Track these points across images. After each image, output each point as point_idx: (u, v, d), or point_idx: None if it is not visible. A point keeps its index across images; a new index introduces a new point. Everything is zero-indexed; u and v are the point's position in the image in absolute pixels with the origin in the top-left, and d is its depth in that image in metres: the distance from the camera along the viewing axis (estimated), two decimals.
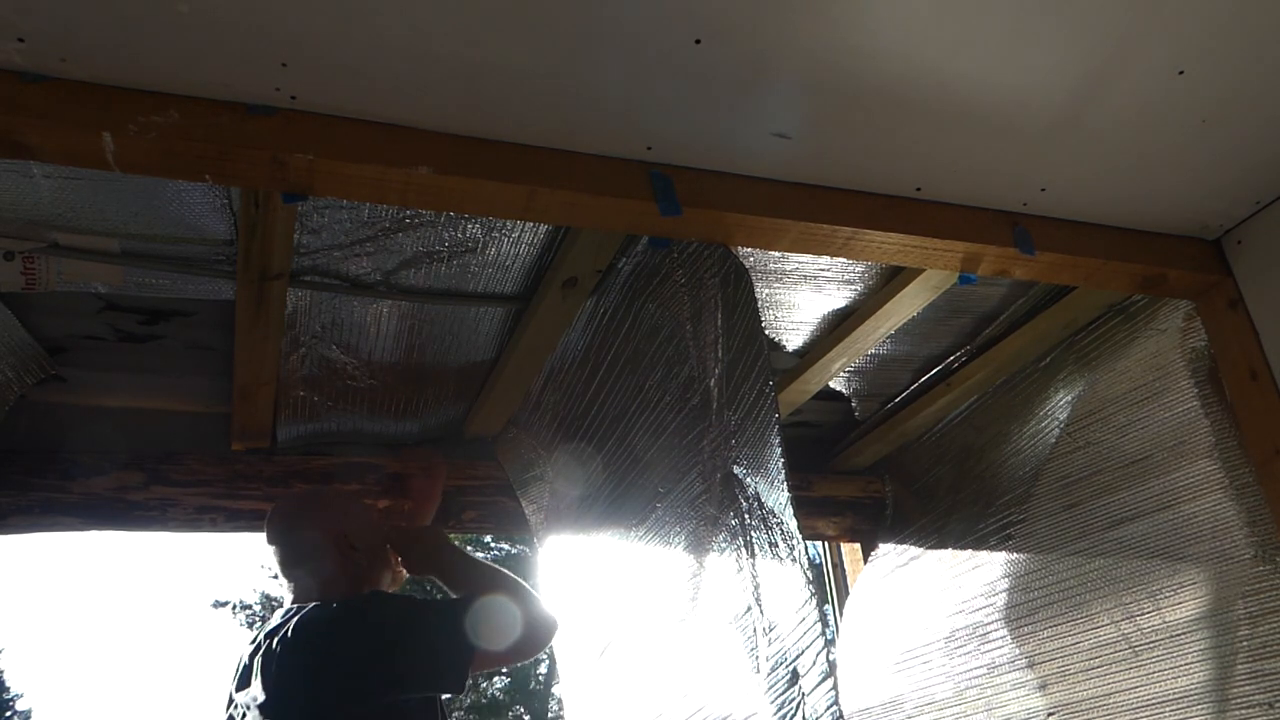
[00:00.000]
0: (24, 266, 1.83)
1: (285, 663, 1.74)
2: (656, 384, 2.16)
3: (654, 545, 2.19)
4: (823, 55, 1.41)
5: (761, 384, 1.79)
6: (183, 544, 60.84)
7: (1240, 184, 1.85)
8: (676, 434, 2.13)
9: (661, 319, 2.11)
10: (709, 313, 2.00)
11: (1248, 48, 1.49)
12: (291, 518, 2.05)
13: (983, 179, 1.74)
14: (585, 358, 2.36)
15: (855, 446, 3.03)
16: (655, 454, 2.19)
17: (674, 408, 2.12)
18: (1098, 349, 2.34)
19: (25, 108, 1.28)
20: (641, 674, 2.18)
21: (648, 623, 2.16)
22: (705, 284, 2.01)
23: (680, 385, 2.09)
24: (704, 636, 1.95)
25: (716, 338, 1.97)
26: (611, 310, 2.23)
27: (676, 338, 2.08)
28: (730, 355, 1.93)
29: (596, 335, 2.29)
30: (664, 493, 2.17)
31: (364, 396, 2.49)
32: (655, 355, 2.14)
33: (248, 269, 1.84)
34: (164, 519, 2.38)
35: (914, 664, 2.74)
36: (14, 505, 2.27)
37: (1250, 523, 1.98)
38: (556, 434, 2.52)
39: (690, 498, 2.10)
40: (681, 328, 2.06)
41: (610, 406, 2.33)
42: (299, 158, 1.38)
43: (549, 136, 1.51)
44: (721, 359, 1.97)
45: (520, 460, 2.68)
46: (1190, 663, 2.05)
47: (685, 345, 2.05)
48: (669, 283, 2.09)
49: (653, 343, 2.14)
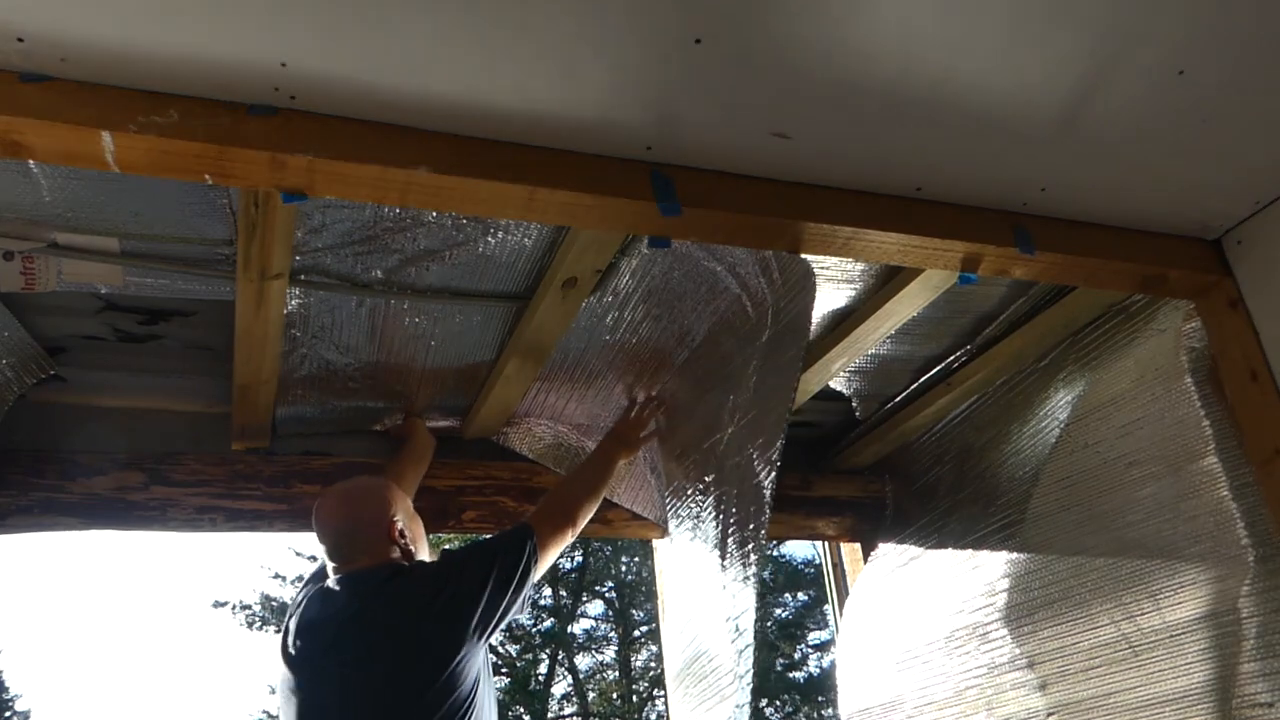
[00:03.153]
0: (24, 266, 1.83)
1: (414, 617, 1.94)
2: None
3: (699, 537, 2.57)
4: (823, 55, 1.41)
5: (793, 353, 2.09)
6: (183, 544, 60.89)
7: (1240, 184, 1.85)
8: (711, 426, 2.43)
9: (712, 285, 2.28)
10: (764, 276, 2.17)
11: (1248, 48, 1.49)
12: (348, 510, 2.11)
13: (983, 179, 1.74)
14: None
15: (855, 446, 3.03)
16: (708, 449, 2.49)
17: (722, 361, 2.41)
18: (1098, 349, 2.34)
19: (25, 108, 1.27)
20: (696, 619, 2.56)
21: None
22: (756, 339, 2.23)
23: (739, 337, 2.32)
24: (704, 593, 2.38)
25: (740, 401, 2.29)
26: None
27: (728, 373, 2.35)
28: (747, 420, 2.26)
29: None
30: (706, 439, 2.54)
31: (364, 396, 2.49)
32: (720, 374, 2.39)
33: (247, 269, 1.84)
34: (164, 519, 2.38)
35: (914, 664, 2.74)
36: (14, 505, 2.27)
37: (1250, 523, 1.98)
38: None
39: (712, 496, 2.43)
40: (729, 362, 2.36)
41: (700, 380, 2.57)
42: (299, 158, 1.38)
43: (549, 136, 1.51)
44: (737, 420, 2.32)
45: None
46: (1190, 663, 2.05)
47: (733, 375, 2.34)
48: (739, 312, 2.29)
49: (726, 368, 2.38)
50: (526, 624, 15.82)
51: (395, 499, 2.14)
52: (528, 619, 15.74)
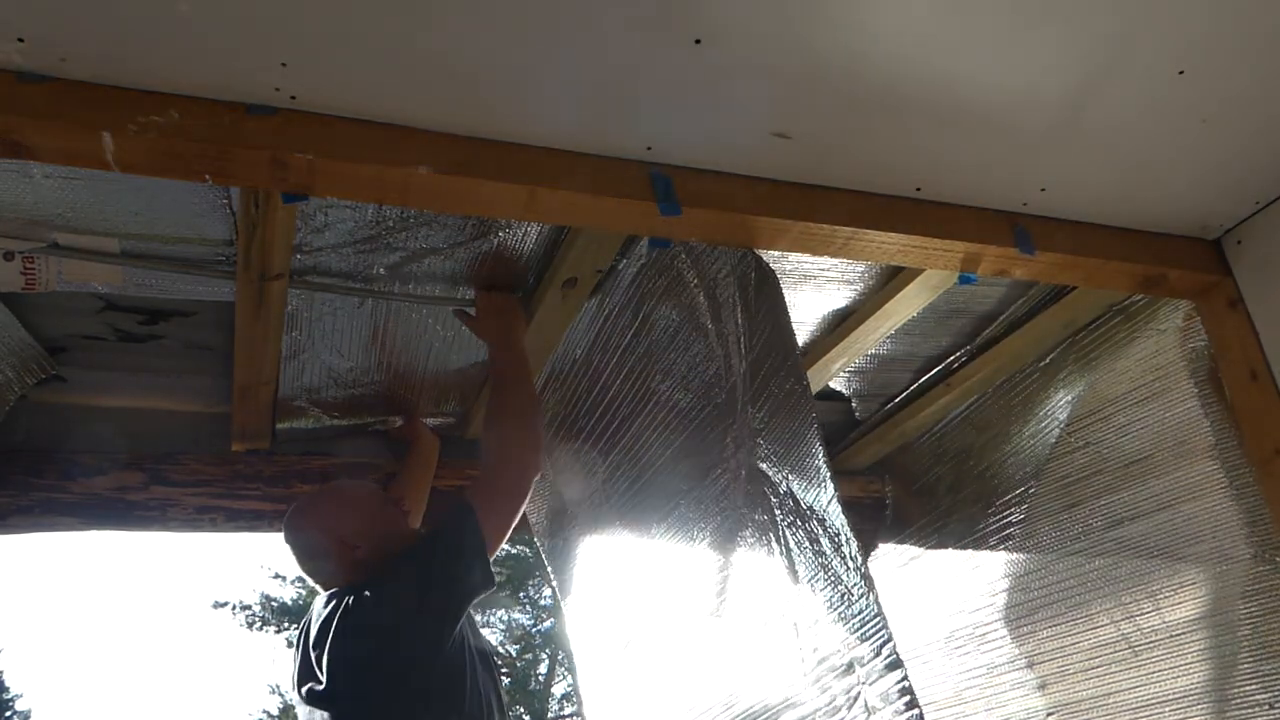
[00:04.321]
0: (24, 266, 1.83)
1: (349, 645, 1.86)
2: (677, 383, 2.17)
3: (678, 542, 2.22)
4: (823, 55, 1.41)
5: (792, 383, 1.80)
6: (183, 544, 60.89)
7: (1240, 184, 1.85)
8: (699, 432, 2.15)
9: (680, 321, 2.11)
10: (729, 312, 2.01)
11: (1248, 48, 1.49)
12: (298, 521, 2.10)
13: (983, 179, 1.74)
14: (588, 359, 2.36)
15: (855, 446, 3.03)
16: (675, 452, 2.21)
17: (697, 406, 2.13)
18: (1098, 349, 2.34)
19: (25, 108, 1.27)
20: (669, 667, 2.20)
21: (674, 617, 2.18)
22: (721, 284, 2.02)
23: (704, 384, 2.10)
24: (733, 629, 1.97)
25: (739, 337, 1.98)
26: (617, 311, 2.23)
27: (698, 338, 2.10)
28: (755, 354, 1.94)
29: (601, 336, 2.30)
30: (686, 490, 2.18)
31: (364, 396, 2.48)
32: (675, 355, 2.15)
33: (248, 269, 1.84)
34: (164, 519, 2.38)
35: (914, 664, 2.74)
36: (14, 505, 2.27)
37: (1250, 523, 1.98)
38: (558, 435, 2.52)
39: (715, 494, 2.12)
40: (704, 329, 2.08)
41: (621, 407, 2.34)
42: (299, 158, 1.38)
43: (549, 136, 1.51)
44: (745, 356, 1.98)
45: None
46: (1190, 663, 2.05)
47: (711, 344, 2.07)
48: (681, 284, 2.09)
49: (671, 343, 2.15)
50: (527, 624, 15.81)
51: (341, 511, 2.07)
52: (528, 619, 15.74)
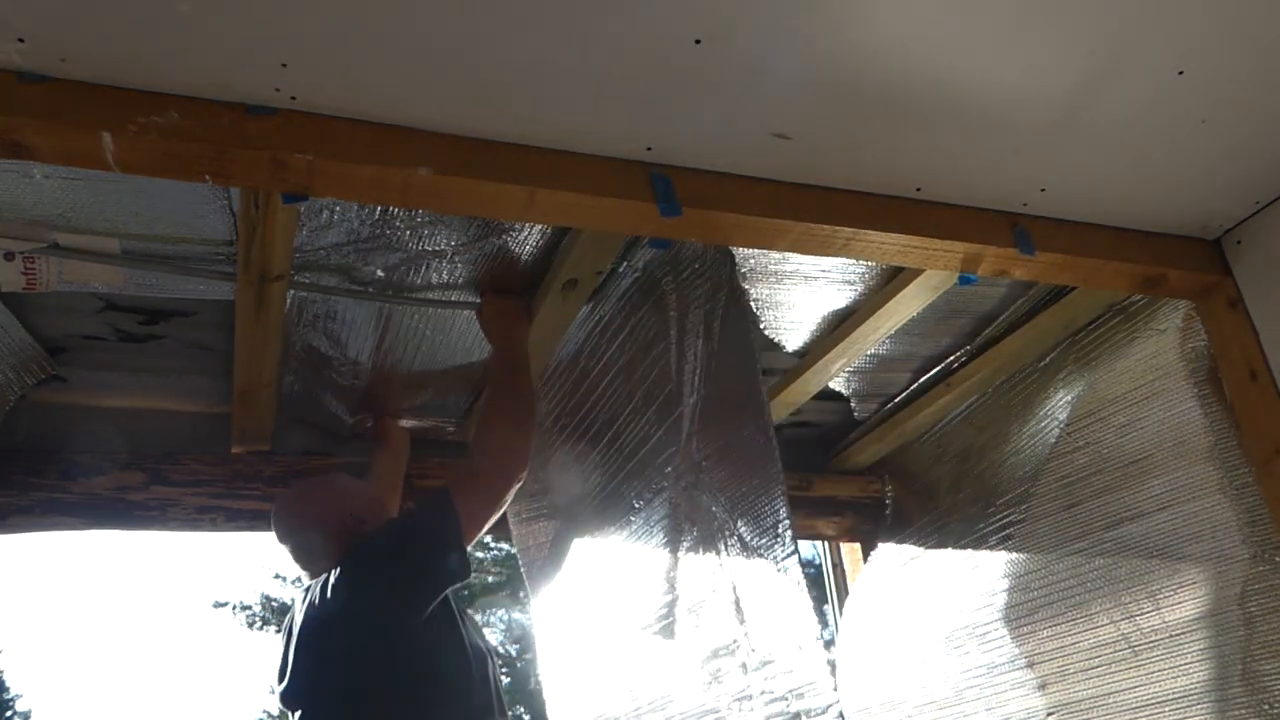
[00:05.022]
0: (24, 266, 1.83)
1: (328, 618, 1.86)
2: (644, 400, 2.17)
3: (632, 555, 2.23)
4: (823, 55, 1.41)
5: (751, 429, 1.81)
6: (183, 544, 60.90)
7: (1240, 184, 1.85)
8: (652, 453, 2.17)
9: (658, 332, 2.11)
10: (691, 340, 2.01)
11: (1248, 48, 1.49)
12: (296, 517, 2.08)
13: (982, 179, 1.74)
14: (575, 361, 2.36)
15: (855, 446, 3.03)
16: (636, 466, 2.23)
17: (655, 426, 2.13)
18: (1097, 349, 2.34)
19: (25, 108, 1.27)
20: (620, 677, 2.24)
21: (621, 631, 2.23)
22: (692, 311, 2.01)
23: (660, 407, 2.11)
24: (676, 652, 2.01)
25: (695, 369, 1.99)
26: (609, 316, 2.23)
27: (665, 356, 2.11)
28: (710, 387, 1.96)
29: (589, 341, 2.30)
30: (638, 508, 2.20)
31: (364, 396, 2.48)
32: (648, 367, 2.16)
33: (248, 270, 1.84)
34: (164, 519, 2.38)
35: (914, 664, 2.74)
36: (14, 505, 2.27)
37: (1250, 523, 1.97)
38: (545, 433, 2.53)
39: (659, 518, 2.13)
40: (668, 353, 2.09)
41: (601, 412, 2.34)
42: (299, 158, 1.38)
43: (549, 136, 1.51)
44: (698, 389, 1.99)
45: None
46: (1190, 663, 2.05)
47: (670, 369, 2.08)
48: (663, 304, 2.10)
49: (648, 354, 2.15)
50: (527, 624, 15.81)
51: (333, 495, 2.09)
52: (528, 619, 15.74)
